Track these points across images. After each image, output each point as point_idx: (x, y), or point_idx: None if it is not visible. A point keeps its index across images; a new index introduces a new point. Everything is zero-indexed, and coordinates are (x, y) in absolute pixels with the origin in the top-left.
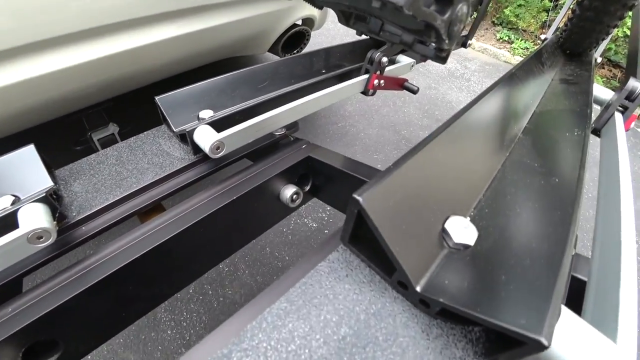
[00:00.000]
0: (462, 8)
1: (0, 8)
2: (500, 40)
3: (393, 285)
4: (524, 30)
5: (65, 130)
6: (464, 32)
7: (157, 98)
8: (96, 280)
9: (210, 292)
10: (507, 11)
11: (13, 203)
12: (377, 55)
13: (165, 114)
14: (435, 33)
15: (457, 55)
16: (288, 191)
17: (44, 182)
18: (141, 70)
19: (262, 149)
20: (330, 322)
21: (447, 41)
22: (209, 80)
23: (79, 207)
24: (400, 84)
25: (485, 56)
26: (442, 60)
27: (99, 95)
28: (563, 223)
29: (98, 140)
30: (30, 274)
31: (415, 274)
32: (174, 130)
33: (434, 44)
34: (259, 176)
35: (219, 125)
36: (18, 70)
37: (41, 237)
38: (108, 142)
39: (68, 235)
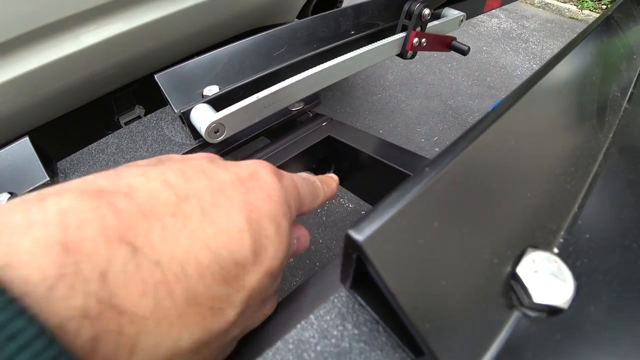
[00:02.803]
0: None
1: None
2: None
3: None
4: None
5: (98, 114)
6: None
7: (156, 76)
8: None
9: None
10: None
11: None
12: (416, 6)
13: (165, 94)
14: None
15: (513, 13)
16: None
17: (39, 177)
18: (164, 47)
19: (278, 127)
20: None
21: None
22: (215, 51)
23: None
24: (446, 44)
25: (546, 12)
26: None
27: (125, 76)
28: None
29: (125, 123)
30: None
31: None
32: (175, 111)
33: None
34: (269, 162)
35: (223, 102)
36: (41, 52)
37: None
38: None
39: None
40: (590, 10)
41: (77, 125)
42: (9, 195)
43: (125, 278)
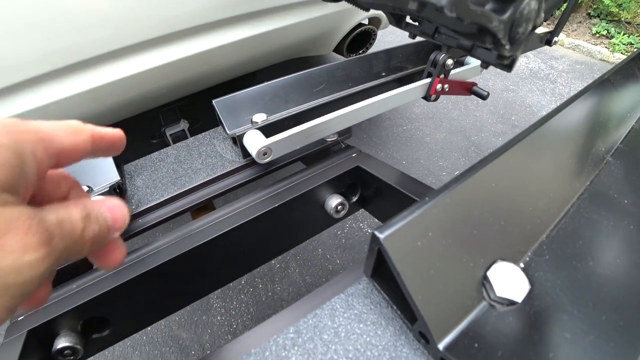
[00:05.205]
0: (530, 4)
1: (103, 17)
2: (597, 35)
3: (414, 334)
4: (628, 23)
5: (146, 124)
6: (548, 28)
7: (214, 101)
8: (146, 270)
9: (260, 285)
10: (607, 0)
11: (87, 192)
12: (441, 57)
13: (220, 117)
14: (492, 37)
15: (542, 54)
16: (333, 201)
17: (112, 176)
18: (213, 71)
19: (313, 154)
20: None
21: (507, 47)
22: (265, 83)
23: (138, 201)
24: (467, 89)
25: (576, 54)
26: (507, 67)
27: (175, 94)
28: None
29: (170, 135)
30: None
31: (440, 328)
32: (228, 133)
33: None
34: (305, 184)
35: (270, 129)
36: (110, 71)
37: None
38: (179, 137)
39: (128, 226)
40: (621, 53)
41: (131, 132)
42: (87, 188)
43: None
